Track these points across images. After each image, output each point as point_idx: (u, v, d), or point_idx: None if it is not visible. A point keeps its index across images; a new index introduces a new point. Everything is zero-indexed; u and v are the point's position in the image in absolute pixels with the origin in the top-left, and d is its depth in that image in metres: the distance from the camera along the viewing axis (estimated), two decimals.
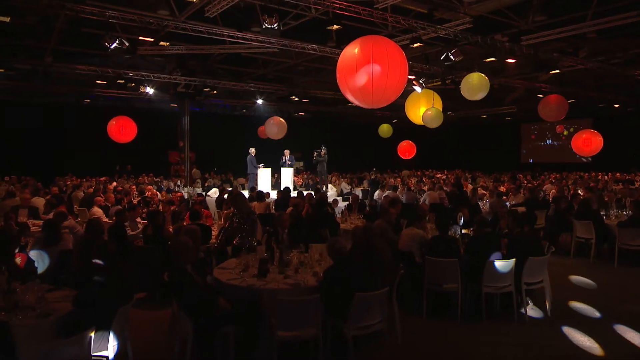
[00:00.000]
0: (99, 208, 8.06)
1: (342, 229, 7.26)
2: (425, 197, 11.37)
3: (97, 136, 15.84)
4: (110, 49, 10.54)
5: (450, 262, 4.88)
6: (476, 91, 12.22)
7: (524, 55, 12.97)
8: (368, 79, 7.62)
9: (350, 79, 7.52)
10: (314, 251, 5.11)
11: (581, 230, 7.98)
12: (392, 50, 7.45)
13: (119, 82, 16.56)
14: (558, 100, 15.11)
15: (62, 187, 13.78)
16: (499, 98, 20.94)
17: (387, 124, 21.81)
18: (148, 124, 17.98)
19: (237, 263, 4.63)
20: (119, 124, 14.73)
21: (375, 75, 7.58)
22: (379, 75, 7.57)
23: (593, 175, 20.79)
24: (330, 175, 22.88)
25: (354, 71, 7.44)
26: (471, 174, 24.14)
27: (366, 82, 7.62)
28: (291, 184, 14.30)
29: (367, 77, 7.62)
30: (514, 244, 5.20)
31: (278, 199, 9.64)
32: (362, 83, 7.58)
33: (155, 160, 20.98)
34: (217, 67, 17.05)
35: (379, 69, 7.55)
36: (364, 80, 7.66)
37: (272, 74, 17.66)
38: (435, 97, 14.40)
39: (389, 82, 7.66)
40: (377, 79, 7.59)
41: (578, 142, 16.10)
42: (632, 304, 5.73)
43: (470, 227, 6.59)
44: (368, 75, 7.61)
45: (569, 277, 6.86)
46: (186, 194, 14.68)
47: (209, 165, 22.88)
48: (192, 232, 4.34)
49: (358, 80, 7.69)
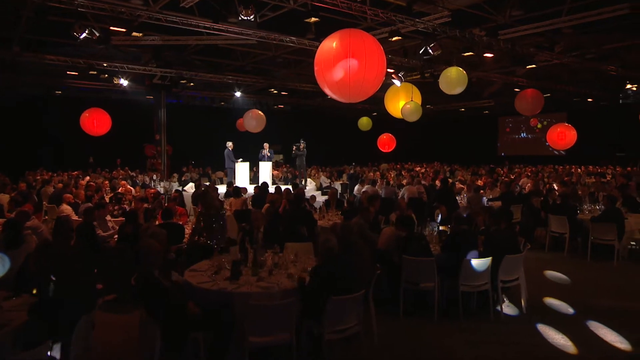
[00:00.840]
0: (68, 205, 7.77)
1: (320, 226, 7.16)
2: (404, 192, 11.36)
3: (70, 129, 15.32)
4: (80, 39, 10.16)
5: (427, 261, 4.84)
6: (454, 85, 12.23)
7: (501, 50, 13.04)
8: (345, 73, 7.54)
9: (328, 73, 7.41)
10: (289, 251, 5.00)
11: (556, 225, 8.07)
12: (370, 44, 7.36)
13: (91, 73, 16.14)
14: (534, 94, 15.27)
15: (32, 182, 13.31)
16: (476, 92, 21.12)
17: (367, 117, 21.74)
18: (123, 116, 17.47)
19: (209, 265, 4.50)
20: (93, 116, 14.27)
21: (352, 69, 7.50)
22: (356, 69, 7.50)
23: (567, 168, 21.19)
24: (309, 169, 22.78)
25: (332, 65, 7.35)
26: (449, 167, 24.38)
27: (343, 76, 7.55)
28: (270, 178, 14.14)
29: (345, 71, 7.54)
30: (490, 242, 5.20)
31: (255, 194, 9.49)
32: (340, 77, 7.50)
33: (131, 153, 20.46)
34: (194, 59, 16.70)
35: (356, 63, 7.48)
36: (341, 74, 7.57)
37: (250, 65, 17.38)
38: (415, 90, 14.39)
39: (367, 76, 7.59)
40: (354, 73, 7.52)
41: (553, 136, 16.31)
42: (604, 299, 5.81)
43: (448, 223, 6.59)
44: (345, 70, 7.52)
45: (544, 272, 6.93)
46: (162, 189, 14.39)
47: (186, 159, 22.49)
48: (158, 235, 4.18)
49: (335, 75, 7.60)
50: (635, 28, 11.71)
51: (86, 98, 19.35)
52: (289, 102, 24.30)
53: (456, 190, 11.30)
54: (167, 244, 4.43)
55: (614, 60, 14.96)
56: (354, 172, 17.05)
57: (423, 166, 25.86)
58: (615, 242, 7.32)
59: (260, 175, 14.17)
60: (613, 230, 7.28)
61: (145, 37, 12.66)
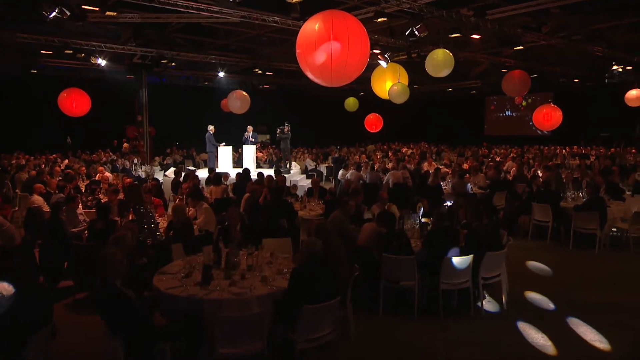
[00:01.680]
0: (40, 196, 7.48)
1: (301, 217, 7.01)
2: (389, 177, 11.22)
3: (48, 109, 14.77)
4: (49, 17, 9.70)
5: (407, 260, 4.72)
6: (441, 68, 11.99)
7: (488, 31, 12.81)
8: (328, 57, 7.31)
9: (310, 56, 7.16)
10: (266, 250, 4.85)
11: (539, 213, 8.03)
12: (354, 26, 7.09)
13: (67, 52, 15.54)
14: (521, 75, 15.12)
15: (7, 166, 12.90)
16: (464, 72, 20.88)
17: (353, 98, 21.42)
18: (104, 96, 16.97)
19: (181, 266, 4.33)
20: (71, 97, 13.74)
21: (335, 53, 7.26)
22: (339, 53, 7.26)
23: (552, 149, 21.24)
24: (295, 150, 22.52)
25: (314, 48, 7.09)
26: (436, 147, 24.30)
27: (326, 60, 7.32)
28: (253, 162, 13.89)
29: (327, 54, 7.30)
30: (472, 238, 5.08)
31: (236, 182, 9.26)
32: (322, 61, 7.26)
33: (112, 135, 19.97)
34: (176, 37, 16.12)
35: (339, 46, 7.23)
36: (323, 58, 7.33)
37: (234, 44, 16.89)
38: (401, 71, 14.14)
39: (350, 59, 7.35)
40: (337, 56, 7.28)
41: (539, 117, 16.20)
42: (585, 291, 5.79)
43: (430, 215, 6.47)
44: (327, 53, 7.28)
45: (526, 263, 6.89)
46: (143, 173, 14.09)
47: (170, 140, 22.06)
48: (121, 240, 3.96)
49: (317, 58, 7.36)
50: (621, 9, 11.55)
51: (64, 77, 18.69)
52: (274, 81, 23.84)
53: (441, 175, 11.21)
54: (133, 249, 4.20)
55: (600, 42, 14.80)
56: (339, 156, 16.84)
57: (410, 147, 25.76)
58: (597, 231, 7.30)
59: (244, 159, 13.91)
60: (595, 219, 7.25)
61: (124, 15, 12.12)
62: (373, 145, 23.23)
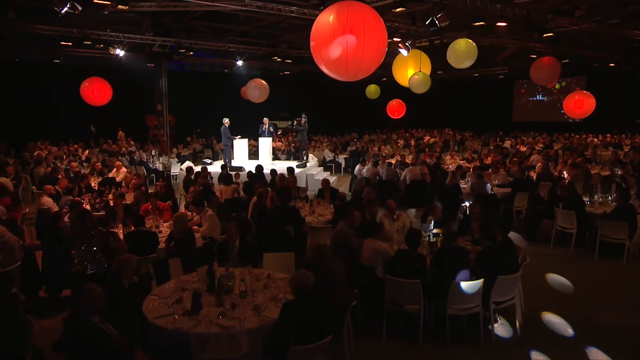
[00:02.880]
0: (49, 197, 7.47)
1: (309, 224, 6.78)
2: (406, 174, 10.86)
3: (71, 98, 14.85)
4: (61, 13, 9.63)
5: (413, 283, 4.45)
6: (463, 59, 11.46)
7: (515, 17, 12.09)
8: (343, 51, 7.01)
9: (324, 50, 6.87)
10: (266, 268, 4.66)
11: (562, 219, 7.57)
12: (370, 18, 6.76)
13: (86, 43, 15.55)
14: (551, 62, 14.35)
15: (28, 158, 13.06)
16: (489, 57, 19.99)
17: (375, 85, 20.87)
18: (124, 84, 17.01)
19: (173, 289, 4.18)
20: (93, 86, 13.83)
21: (350, 47, 6.95)
22: (354, 46, 6.94)
23: (583, 138, 20.26)
24: (315, 138, 22.21)
25: (328, 42, 6.79)
26: (461, 135, 23.57)
27: (340, 54, 7.02)
28: (270, 155, 13.71)
29: (342, 49, 7.00)
30: (482, 259, 4.74)
31: (248, 181, 9.07)
32: (336, 55, 6.97)
33: (133, 124, 20.06)
34: (196, 24, 15.89)
35: (354, 39, 6.91)
36: (338, 52, 7.04)
37: (254, 30, 16.57)
38: (424, 58, 13.60)
39: (366, 53, 7.05)
40: (352, 51, 6.97)
41: (570, 104, 15.38)
42: (608, 312, 5.39)
43: (443, 226, 6.14)
44: (342, 47, 6.98)
45: (545, 275, 6.49)
46: (160, 166, 14.10)
47: (190, 128, 22.02)
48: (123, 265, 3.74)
49: (332, 53, 7.08)
50: None
51: (87, 66, 18.81)
52: (294, 68, 23.41)
53: (462, 172, 10.79)
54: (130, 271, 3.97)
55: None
56: (356, 149, 16.44)
57: (434, 134, 25.09)
58: (625, 241, 6.83)
59: (260, 151, 13.73)
60: (624, 228, 6.77)
61: (142, 3, 11.98)
62: (396, 134, 22.62)
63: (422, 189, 10.41)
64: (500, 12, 11.68)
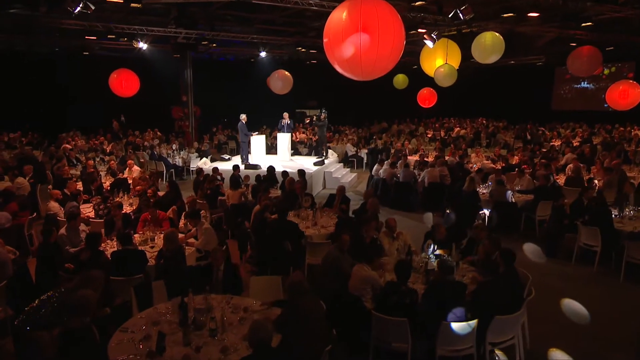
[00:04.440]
0: (56, 202, 7.51)
1: (310, 236, 6.52)
2: (425, 175, 10.39)
3: (99, 89, 15.04)
4: (75, 13, 9.64)
5: (399, 321, 4.13)
6: (489, 53, 10.81)
7: (549, 6, 11.24)
8: (356, 51, 6.67)
9: (337, 48, 6.55)
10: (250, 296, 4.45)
11: (586, 235, 6.99)
12: (384, 14, 6.35)
13: (110, 37, 15.69)
14: (591, 52, 13.35)
15: (54, 152, 13.34)
16: (526, 44, 18.84)
17: (403, 75, 20.20)
18: (151, 75, 17.13)
19: (144, 323, 4.04)
20: (121, 77, 13.99)
21: (363, 46, 6.60)
22: (368, 45, 6.58)
23: (627, 130, 18.88)
24: (342, 128, 21.79)
25: (340, 41, 6.46)
26: (493, 126, 22.56)
27: (353, 53, 6.68)
28: (288, 151, 13.48)
29: (354, 48, 6.65)
30: (480, 296, 4.36)
31: (255, 185, 8.86)
32: (349, 55, 6.64)
33: (158, 115, 20.24)
34: (221, 13, 15.72)
35: (367, 38, 6.55)
36: (350, 52, 6.70)
37: (280, 19, 16.26)
38: (452, 48, 12.94)
39: (380, 52, 6.68)
40: (365, 50, 6.62)
41: (613, 95, 14.23)
42: (626, 353, 4.90)
43: (447, 246, 5.76)
44: (355, 47, 6.63)
45: (561, 300, 5.99)
46: (180, 160, 14.14)
47: (217, 118, 22.00)
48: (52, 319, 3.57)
49: (344, 52, 6.74)
50: None
51: (115, 58, 19.04)
52: (321, 57, 22.90)
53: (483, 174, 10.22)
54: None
55: None
56: (375, 146, 15.91)
57: (467, 123, 24.14)
58: None
59: (279, 147, 13.53)
60: None
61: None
62: (423, 127, 21.84)
63: (441, 192, 9.94)
64: (533, 1, 10.89)
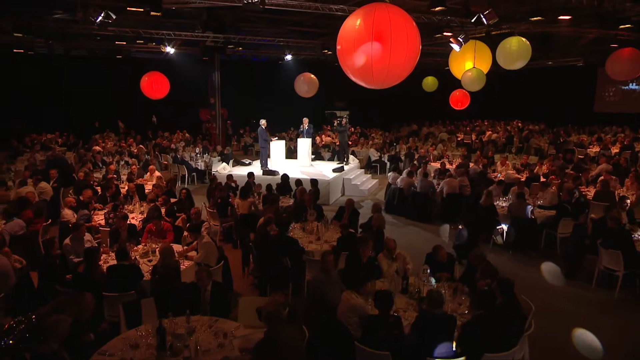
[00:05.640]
0: (70, 209, 7.69)
1: (312, 252, 6.38)
2: (443, 186, 10.04)
3: (131, 92, 15.43)
4: (96, 22, 9.88)
5: (382, 355, 3.94)
6: (514, 59, 10.35)
7: (582, 7, 10.59)
8: (367, 60, 6.57)
9: (349, 57, 6.46)
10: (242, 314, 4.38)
11: (608, 258, 6.53)
12: (398, 22, 6.16)
13: (138, 42, 16.05)
14: (632, 55, 12.57)
15: (83, 155, 13.80)
16: (564, 45, 17.94)
17: (432, 77, 19.70)
18: (180, 77, 17.47)
19: (123, 346, 4.03)
20: (151, 80, 14.32)
21: (375, 55, 6.50)
22: (379, 54, 6.48)
23: None
24: (370, 131, 21.49)
25: (353, 49, 6.38)
26: (528, 129, 21.66)
27: (365, 63, 6.59)
28: (308, 156, 13.38)
29: (366, 57, 6.56)
30: (469, 332, 4.09)
31: (266, 195, 8.78)
32: (361, 64, 6.55)
33: (186, 117, 20.62)
34: (250, 15, 15.81)
35: (379, 47, 6.45)
36: (362, 60, 6.61)
37: (310, 20, 16.21)
38: (481, 51, 12.47)
39: (393, 62, 6.57)
40: (377, 59, 6.51)
41: None
42: None
43: (449, 269, 5.49)
44: (367, 56, 6.54)
45: (573, 329, 5.60)
46: (202, 164, 14.30)
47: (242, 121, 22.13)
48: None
49: (356, 60, 6.65)
50: None
51: (146, 61, 19.51)
52: None
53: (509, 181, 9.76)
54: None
55: None
56: (396, 153, 15.54)
57: (500, 126, 23.33)
58: None
59: (299, 153, 13.46)
60: None
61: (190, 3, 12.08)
62: (446, 133, 21.21)
63: (460, 204, 9.59)
64: (564, 3, 10.31)
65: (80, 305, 4.10)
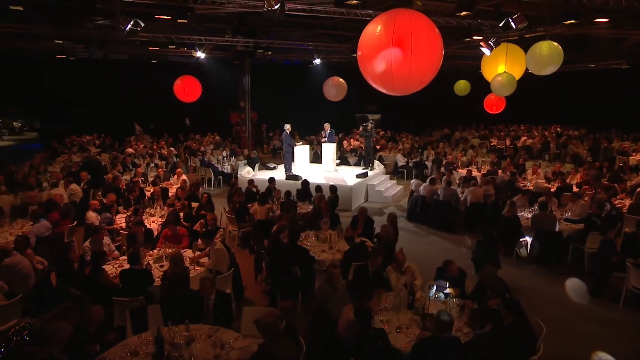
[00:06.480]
0: (94, 212, 7.94)
1: (322, 261, 6.33)
2: (467, 195, 9.76)
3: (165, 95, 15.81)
4: (126, 30, 10.17)
5: None
6: (544, 65, 9.93)
7: (623, 10, 10.08)
8: (387, 66, 6.51)
9: (369, 63, 6.35)
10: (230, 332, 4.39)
11: (636, 278, 6.15)
12: (420, 28, 6.06)
13: (170, 47, 16.46)
14: None
15: (115, 156, 14.25)
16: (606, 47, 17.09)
17: (465, 81, 19.20)
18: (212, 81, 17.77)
19: (122, 354, 4.10)
20: (184, 83, 14.63)
21: (395, 61, 6.43)
22: (399, 61, 6.41)
23: None
24: (400, 135, 21.20)
25: (373, 55, 6.23)
26: (567, 135, 20.79)
27: (385, 69, 6.53)
28: (333, 161, 13.32)
29: (386, 63, 6.50)
30: (470, 352, 3.92)
31: (284, 201, 8.79)
32: (381, 70, 6.50)
33: (217, 120, 20.97)
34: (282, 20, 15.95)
35: (399, 53, 6.37)
36: (382, 67, 6.56)
37: (341, 24, 16.19)
38: (514, 54, 12.04)
39: (414, 68, 6.47)
40: (397, 65, 6.44)
41: None
42: None
43: (459, 285, 5.31)
44: (387, 62, 6.47)
45: (594, 352, 5.29)
46: (229, 167, 14.48)
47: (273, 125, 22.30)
48: None
49: (376, 67, 6.60)
50: None
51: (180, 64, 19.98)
52: None
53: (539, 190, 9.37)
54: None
55: None
56: (420, 160, 15.20)
57: (538, 130, 22.49)
58: None
59: (324, 157, 13.43)
60: None
61: (226, 5, 12.31)
62: (478, 139, 20.61)
63: (479, 215, 9.28)
64: (601, 5, 9.82)
65: (84, 314, 4.22)
